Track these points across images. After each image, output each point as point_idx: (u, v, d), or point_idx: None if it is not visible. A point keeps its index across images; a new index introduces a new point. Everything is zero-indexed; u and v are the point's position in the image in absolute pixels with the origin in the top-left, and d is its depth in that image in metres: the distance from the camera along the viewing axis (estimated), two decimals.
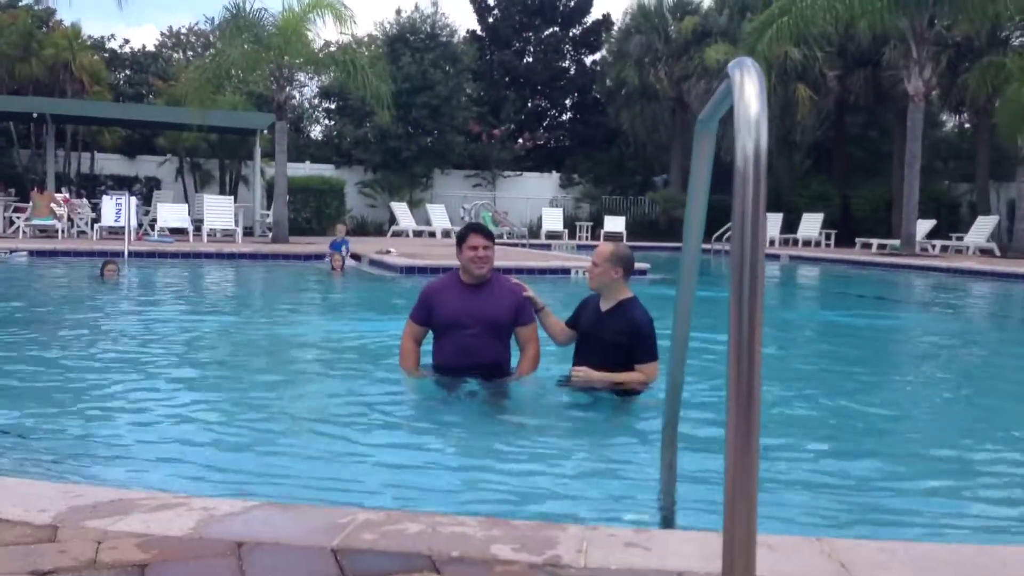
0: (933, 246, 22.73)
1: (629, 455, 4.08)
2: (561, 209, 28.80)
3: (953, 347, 8.63)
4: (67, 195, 21.29)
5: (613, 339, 4.89)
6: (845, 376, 6.61)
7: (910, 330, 10.13)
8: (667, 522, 3.08)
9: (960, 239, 23.21)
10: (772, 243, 25.11)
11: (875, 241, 23.10)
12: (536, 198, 30.21)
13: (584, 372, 4.92)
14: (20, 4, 28.09)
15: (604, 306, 5.03)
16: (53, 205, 19.40)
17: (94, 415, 4.64)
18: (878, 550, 2.42)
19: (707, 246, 23.39)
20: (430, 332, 5.29)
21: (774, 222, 25.81)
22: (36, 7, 27.53)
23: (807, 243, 25.58)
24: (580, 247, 22.83)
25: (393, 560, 2.22)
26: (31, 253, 15.37)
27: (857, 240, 24.37)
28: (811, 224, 25.98)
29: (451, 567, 2.20)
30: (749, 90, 1.82)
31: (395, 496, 3.36)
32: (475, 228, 5.23)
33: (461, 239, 5.15)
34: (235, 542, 2.31)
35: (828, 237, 25.85)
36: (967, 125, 29.47)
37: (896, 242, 21.76)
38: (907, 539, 2.80)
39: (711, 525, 2.65)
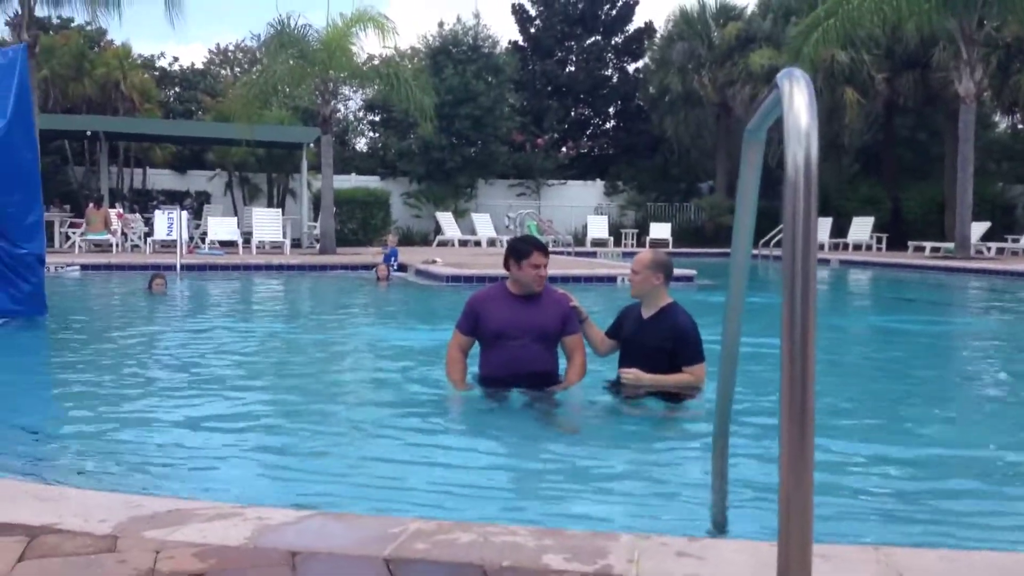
0: (988, 248, 22.28)
1: (680, 463, 4.07)
2: (606, 217, 28.75)
3: (1010, 351, 8.46)
4: (121, 210, 21.76)
5: (658, 344, 4.92)
6: (899, 382, 6.52)
7: (966, 335, 9.93)
8: (720, 531, 3.05)
9: (1016, 241, 22.73)
10: (822, 247, 24.78)
11: (928, 244, 22.71)
12: (581, 206, 30.18)
13: (634, 374, 4.93)
14: (72, 25, 28.78)
15: (646, 313, 5.06)
16: (108, 220, 19.83)
17: (152, 426, 4.73)
18: (938, 559, 2.39)
19: (755, 252, 23.19)
20: (476, 343, 5.31)
21: (823, 227, 25.47)
22: (87, 28, 28.20)
23: (858, 247, 25.23)
24: (625, 254, 22.76)
25: (444, 570, 2.24)
26: (83, 267, 15.70)
27: (909, 243, 23.97)
28: (861, 228, 25.62)
29: None
30: (799, 101, 1.81)
31: (447, 505, 3.38)
32: (536, 245, 5.19)
33: (522, 255, 5.11)
34: (289, 552, 2.34)
35: (879, 241, 25.48)
36: (1020, 126, 28.88)
37: (950, 245, 21.37)
38: (967, 548, 2.75)
39: (765, 534, 2.63)
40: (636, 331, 5.03)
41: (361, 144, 35.04)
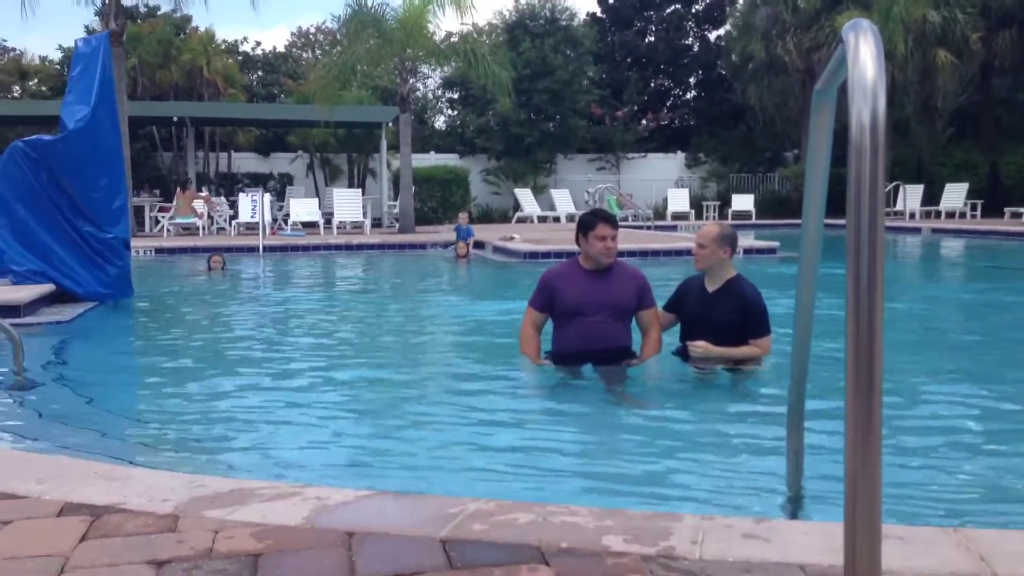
0: None
1: (752, 440, 3.94)
2: (687, 189, 28.26)
3: None
4: (207, 194, 22.28)
5: (727, 318, 4.84)
6: (987, 356, 6.23)
7: None
8: (792, 512, 2.94)
9: None
10: (913, 216, 23.97)
11: None
12: (661, 179, 29.73)
13: (703, 346, 4.82)
14: (159, 13, 29.51)
15: (711, 286, 4.96)
16: (195, 204, 20.32)
17: (225, 405, 4.81)
18: (1022, 541, 2.24)
19: (837, 221, 22.37)
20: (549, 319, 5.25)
21: (915, 194, 24.58)
22: (174, 15, 28.87)
23: (951, 215, 24.28)
24: None
25: (501, 551, 2.19)
26: (171, 251, 16.12)
27: (1007, 210, 22.95)
28: (955, 194, 24.63)
29: (560, 559, 2.14)
30: (864, 54, 1.68)
31: (512, 484, 3.34)
32: (602, 216, 5.11)
33: (588, 227, 5.05)
34: (346, 532, 2.32)
35: (974, 208, 24.46)
36: None
37: None
38: None
39: (840, 515, 2.51)
40: (702, 305, 4.93)
41: (439, 122, 35.16)
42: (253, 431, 4.22)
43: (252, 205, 19.76)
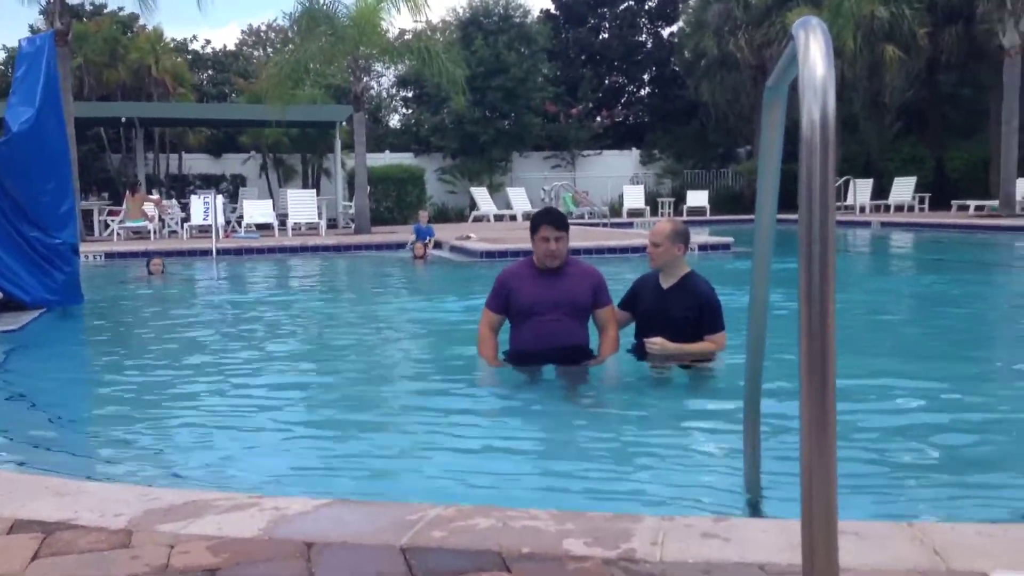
0: None
1: (710, 438, 3.97)
2: (642, 186, 28.45)
3: None
4: (158, 196, 21.94)
5: (682, 315, 4.87)
6: (938, 347, 6.33)
7: (1008, 296, 9.65)
8: (751, 510, 2.95)
9: None
10: (863, 210, 24.37)
11: (972, 203, 22.15)
12: (617, 176, 29.88)
13: (660, 343, 4.83)
14: (105, 12, 28.99)
15: (665, 283, 4.99)
16: (145, 207, 20.00)
17: (177, 415, 4.72)
18: (976, 534, 2.27)
19: (789, 216, 22.65)
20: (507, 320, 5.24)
21: (864, 188, 24.99)
22: (120, 14, 28.42)
23: (900, 208, 24.71)
24: None
25: (462, 558, 2.17)
26: (121, 255, 15.84)
27: (953, 203, 23.40)
28: (903, 188, 25.07)
29: (521, 564, 2.13)
30: (814, 51, 1.69)
31: (472, 488, 3.31)
32: (546, 219, 5.04)
33: (533, 229, 5.05)
34: (305, 542, 2.29)
35: (922, 201, 24.91)
36: None
37: (995, 203, 20.84)
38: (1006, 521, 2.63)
39: (799, 512, 2.52)
40: (657, 302, 4.95)
41: (394, 121, 35.01)
42: (208, 441, 4.15)
43: (204, 207, 19.50)
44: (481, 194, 26.48)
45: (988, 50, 23.97)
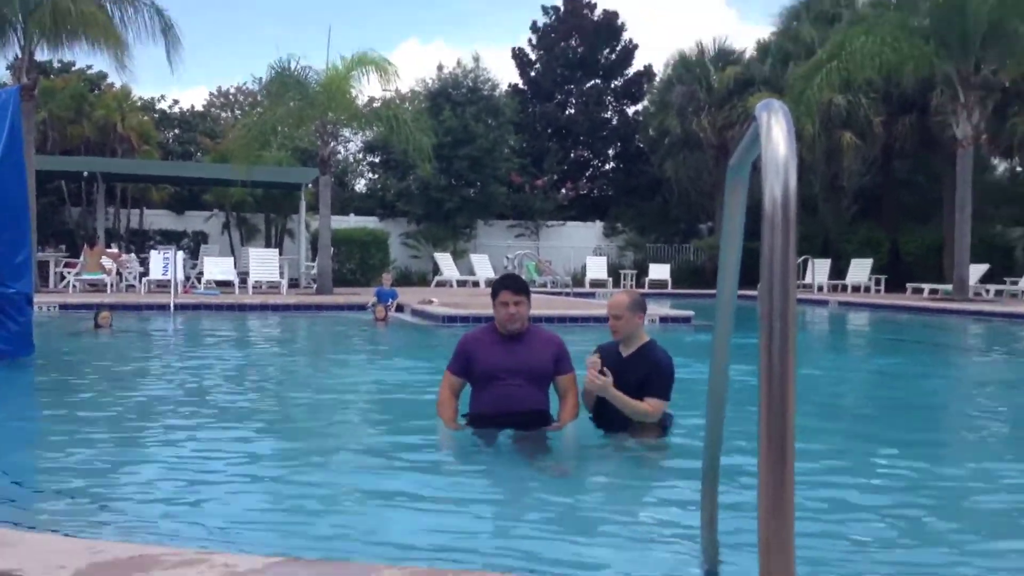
0: (987, 291, 22.21)
1: (667, 509, 3.96)
2: (605, 258, 28.75)
3: (1010, 395, 8.34)
4: (117, 250, 21.74)
5: (639, 381, 4.88)
6: (891, 425, 6.41)
7: (961, 378, 9.82)
8: None
9: (1015, 283, 22.65)
10: (821, 289, 24.77)
11: (927, 286, 22.64)
12: (580, 247, 30.19)
13: (603, 381, 4.80)
14: (73, 69, 29.03)
15: (625, 351, 5.04)
16: (103, 260, 19.79)
17: (128, 468, 4.64)
18: None
19: (750, 292, 23.02)
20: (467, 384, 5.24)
21: (822, 268, 25.46)
22: (88, 72, 28.46)
23: (856, 289, 25.17)
24: None
25: None
26: (76, 307, 15.59)
27: (908, 285, 23.89)
28: (860, 270, 25.58)
29: None
30: (776, 132, 1.75)
31: (427, 550, 3.27)
32: (506, 284, 5.14)
33: (493, 294, 5.12)
34: None
35: (878, 283, 25.42)
36: (1018, 168, 28.93)
37: (948, 287, 21.31)
38: None
39: None
40: (618, 370, 4.97)
41: (360, 185, 35.18)
42: (156, 494, 4.06)
43: (164, 262, 19.37)
44: (445, 259, 26.58)
45: (941, 140, 24.78)
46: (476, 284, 25.21)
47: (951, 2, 19.94)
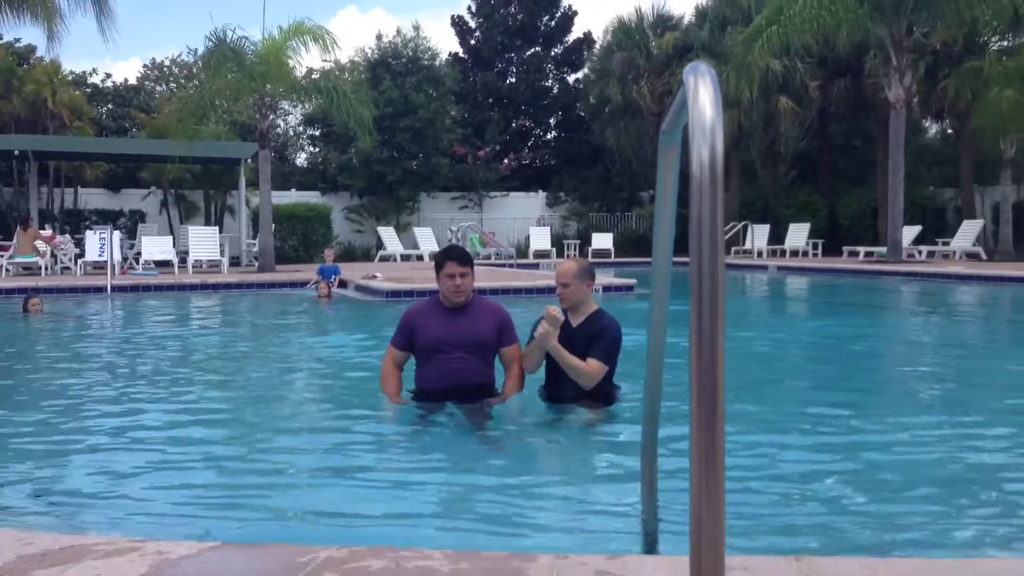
0: (920, 252, 22.73)
1: (610, 477, 3.98)
2: (548, 228, 28.78)
3: (933, 354, 8.56)
4: (51, 232, 21.16)
5: (587, 349, 4.86)
6: (828, 388, 6.54)
7: (891, 338, 10.04)
8: (649, 547, 2.97)
9: (946, 244, 23.21)
10: (760, 254, 25.13)
11: (862, 249, 23.09)
12: (523, 218, 30.18)
13: (547, 331, 4.81)
14: (0, 42, 28.06)
15: (575, 320, 5.03)
16: (37, 242, 19.25)
17: (52, 455, 4.51)
18: (859, 567, 2.33)
19: (685, 259, 23.24)
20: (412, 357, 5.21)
21: (761, 233, 25.82)
22: (16, 45, 27.53)
23: (795, 253, 25.57)
24: None
25: None
26: (8, 291, 15.19)
27: (844, 248, 24.35)
28: (798, 234, 25.98)
29: None
30: (703, 96, 1.73)
31: (366, 529, 3.25)
32: (451, 255, 5.12)
33: (438, 266, 5.09)
34: None
35: (816, 247, 25.84)
36: (949, 131, 29.55)
37: (883, 249, 21.76)
38: (889, 556, 2.70)
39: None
40: (567, 340, 4.97)
41: (301, 159, 34.71)
42: (87, 482, 3.95)
43: (100, 243, 18.88)
44: (388, 233, 26.38)
45: (875, 103, 25.20)
46: (420, 258, 25.07)
47: None
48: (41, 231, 20.34)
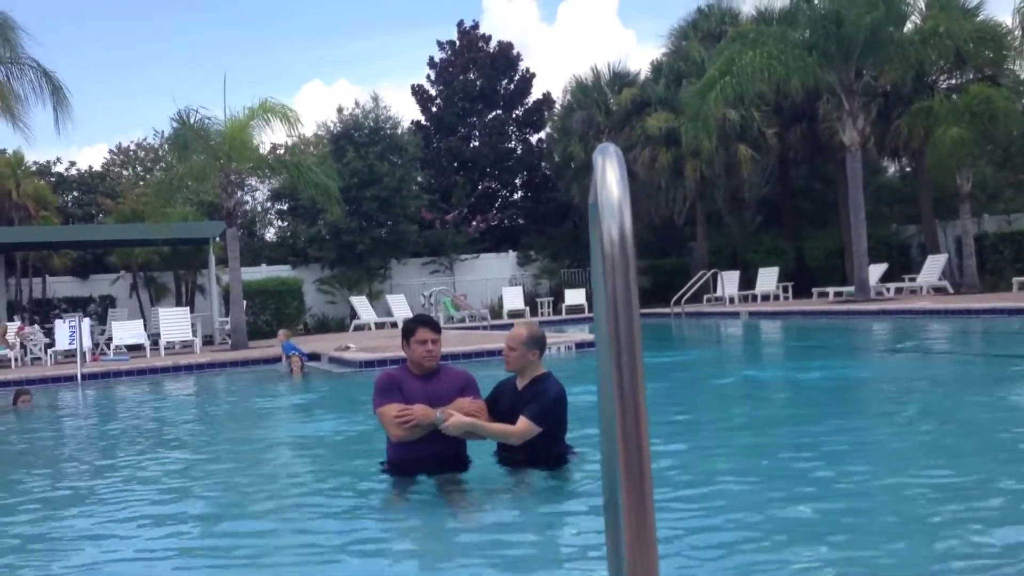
0: (888, 289, 23.03)
1: (574, 539, 4.01)
2: (521, 287, 28.92)
3: (914, 392, 8.65)
4: (20, 323, 21.02)
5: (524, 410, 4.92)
6: (801, 434, 6.59)
7: (860, 379, 10.09)
8: None
9: (913, 280, 23.55)
10: (732, 300, 25.33)
11: (831, 289, 23.38)
12: (495, 278, 30.35)
13: (455, 420, 4.81)
14: None
15: (520, 384, 5.11)
16: (8, 336, 19.09)
17: (39, 542, 4.49)
18: None
19: (667, 310, 23.61)
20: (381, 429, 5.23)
21: (731, 280, 26.06)
22: None
23: (766, 297, 25.81)
24: (543, 323, 22.76)
25: None
26: None
27: (814, 290, 24.62)
28: (768, 278, 26.25)
29: None
30: (610, 176, 1.82)
31: None
32: (422, 321, 5.20)
33: (409, 332, 5.14)
34: None
35: (786, 290, 26.11)
36: (907, 169, 30.15)
37: (851, 288, 22.03)
38: None
39: None
40: (513, 403, 5.05)
41: (270, 234, 34.78)
42: (77, 568, 3.95)
43: (70, 331, 18.75)
44: (361, 303, 26.40)
45: (831, 146, 25.72)
46: (394, 325, 25.02)
47: (828, 15, 20.85)
48: (9, 323, 20.19)
